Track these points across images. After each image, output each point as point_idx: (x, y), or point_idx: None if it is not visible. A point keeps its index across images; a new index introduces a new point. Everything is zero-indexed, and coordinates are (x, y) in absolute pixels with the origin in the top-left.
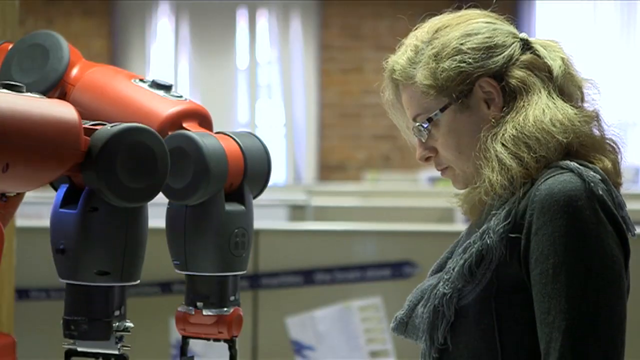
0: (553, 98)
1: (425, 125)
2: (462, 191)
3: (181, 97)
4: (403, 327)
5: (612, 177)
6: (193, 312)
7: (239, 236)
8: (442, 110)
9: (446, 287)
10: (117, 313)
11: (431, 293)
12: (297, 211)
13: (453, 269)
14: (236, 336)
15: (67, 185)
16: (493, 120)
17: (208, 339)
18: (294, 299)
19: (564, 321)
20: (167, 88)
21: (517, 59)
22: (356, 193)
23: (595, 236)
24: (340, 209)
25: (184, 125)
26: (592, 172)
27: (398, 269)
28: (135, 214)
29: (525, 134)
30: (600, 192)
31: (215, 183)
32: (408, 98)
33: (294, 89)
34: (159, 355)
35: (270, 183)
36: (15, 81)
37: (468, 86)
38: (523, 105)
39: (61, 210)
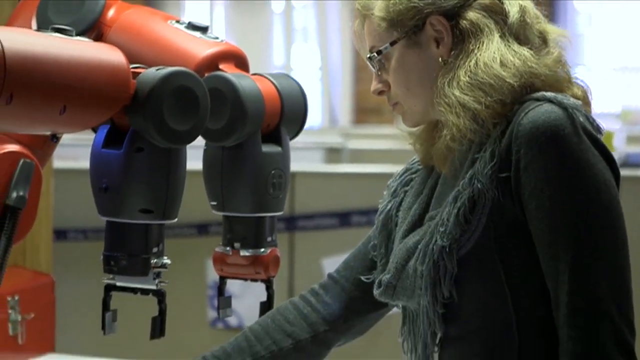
0: (508, 41)
1: (376, 58)
2: (414, 130)
3: (217, 38)
4: (391, 290)
5: (583, 106)
6: (230, 253)
7: (275, 177)
8: (392, 44)
9: (444, 240)
10: (155, 250)
11: (426, 249)
12: (333, 154)
13: (447, 220)
14: (273, 276)
15: (109, 127)
16: (441, 61)
17: (245, 280)
18: (330, 241)
19: (568, 252)
20: (203, 30)
21: (473, 0)
22: (392, 136)
23: (585, 162)
24: (376, 151)
25: (221, 66)
26: (570, 99)
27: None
28: (177, 154)
29: (478, 80)
30: (581, 119)
31: (251, 124)
32: (367, 29)
33: (330, 32)
34: (196, 296)
35: (306, 126)
36: (52, 23)
37: (419, 22)
38: (473, 50)
39: (104, 150)
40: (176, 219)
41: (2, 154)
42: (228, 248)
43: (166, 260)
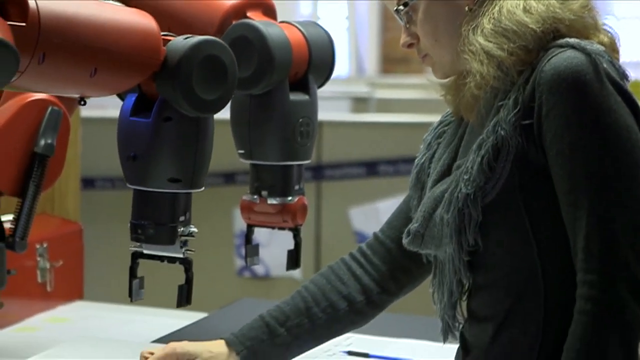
0: None
1: (402, 9)
2: (445, 81)
3: None
4: (419, 239)
5: (610, 53)
6: (258, 201)
7: (303, 125)
8: None
9: (468, 187)
10: (182, 218)
11: (451, 197)
12: (360, 103)
13: (471, 168)
14: (301, 225)
15: (137, 95)
16: (467, 10)
17: (273, 228)
18: (357, 190)
19: (586, 198)
20: None
21: None
22: (419, 86)
23: (606, 108)
24: (402, 101)
25: (248, 14)
26: (595, 45)
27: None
28: (205, 123)
29: (501, 27)
30: (605, 65)
31: (279, 72)
32: None
33: None
34: (223, 245)
35: (333, 75)
36: None
37: None
38: None
39: (132, 118)
40: (203, 188)
41: (30, 102)
42: (255, 196)
43: (193, 228)
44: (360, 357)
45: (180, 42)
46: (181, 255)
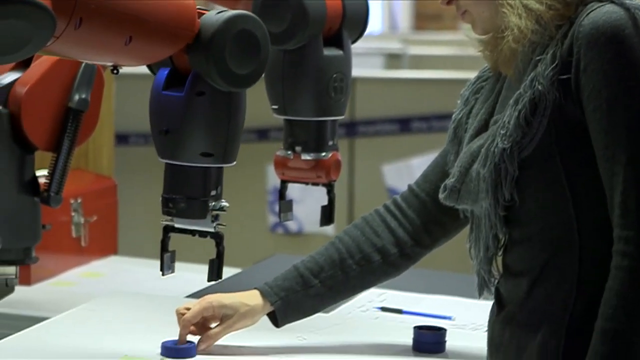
0: None
1: None
2: (483, 37)
3: None
4: (456, 194)
5: None
6: (292, 157)
7: (337, 81)
8: None
9: (505, 142)
10: (213, 193)
11: (488, 152)
12: (393, 60)
13: (508, 122)
14: (334, 180)
15: (169, 69)
16: None
17: (306, 184)
18: (390, 146)
19: (623, 153)
20: None
21: None
22: (452, 42)
23: None
24: (435, 57)
25: None
26: (636, 0)
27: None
28: (238, 98)
29: None
30: None
31: (313, 27)
32: None
33: None
34: (256, 202)
35: (366, 31)
36: None
37: None
38: None
39: (164, 92)
40: (235, 162)
41: None
42: (289, 152)
43: (224, 203)
44: (393, 312)
45: (214, 16)
46: (212, 230)
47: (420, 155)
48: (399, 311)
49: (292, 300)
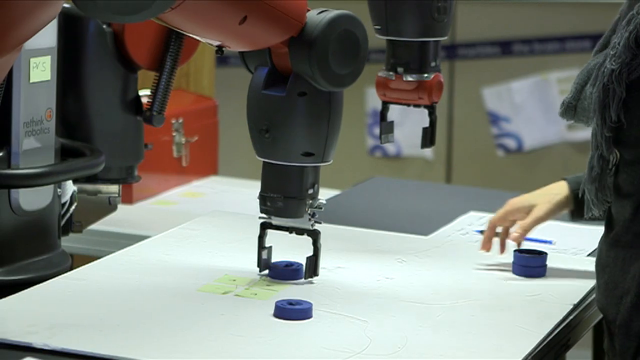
0: None
1: None
2: None
3: None
4: (572, 111)
5: None
6: (394, 78)
7: (440, 1)
8: None
9: (613, 63)
10: (311, 191)
11: (598, 72)
12: None
13: (618, 44)
14: (436, 102)
15: (268, 68)
16: None
17: (408, 105)
18: (491, 70)
19: None
20: None
21: None
22: None
23: None
24: None
25: None
26: None
27: (598, 41)
28: (337, 98)
29: None
30: None
31: None
32: None
33: None
34: (355, 125)
35: None
36: None
37: None
38: None
39: (264, 92)
40: (331, 161)
41: None
42: (391, 73)
43: (322, 201)
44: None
45: (316, 16)
46: (309, 228)
47: (521, 79)
48: (499, 234)
49: None
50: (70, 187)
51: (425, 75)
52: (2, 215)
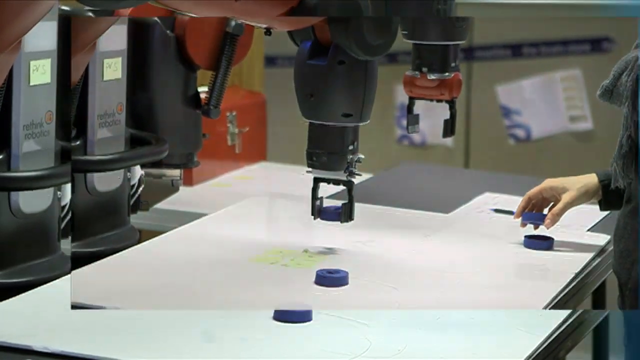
0: None
1: None
2: None
3: None
4: (608, 94)
5: None
6: (419, 76)
7: (441, 2)
8: None
9: None
10: (351, 147)
11: (634, 64)
12: None
13: None
14: (456, 97)
15: (311, 41)
16: None
17: (431, 100)
18: (504, 69)
19: None
20: None
21: None
22: None
23: None
24: None
25: None
26: None
27: (597, 45)
28: (372, 65)
29: None
30: None
31: None
32: None
33: None
34: (385, 117)
35: None
36: None
37: None
38: None
39: (308, 62)
40: (369, 121)
41: None
42: (417, 72)
43: (360, 155)
44: (505, 214)
45: None
46: (344, 178)
47: (530, 78)
48: (511, 212)
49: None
50: (138, 171)
51: (447, 74)
52: (1, 218)
